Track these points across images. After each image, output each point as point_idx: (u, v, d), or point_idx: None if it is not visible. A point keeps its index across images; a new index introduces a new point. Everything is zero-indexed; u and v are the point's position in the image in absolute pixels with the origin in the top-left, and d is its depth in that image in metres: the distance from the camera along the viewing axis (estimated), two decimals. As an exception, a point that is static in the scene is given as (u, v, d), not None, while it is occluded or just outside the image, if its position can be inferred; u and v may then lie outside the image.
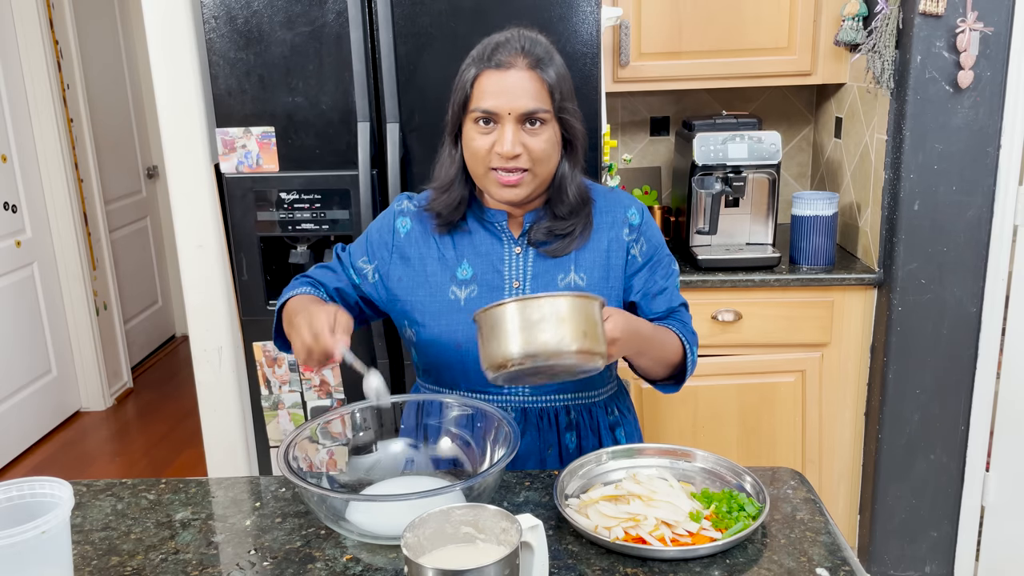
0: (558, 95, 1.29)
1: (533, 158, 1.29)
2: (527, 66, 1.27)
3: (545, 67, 1.28)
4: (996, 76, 2.17)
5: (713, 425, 2.49)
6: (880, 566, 2.51)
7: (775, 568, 1.06)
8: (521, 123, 1.28)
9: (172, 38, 2.18)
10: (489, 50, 1.29)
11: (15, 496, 1.04)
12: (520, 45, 1.29)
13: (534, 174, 1.31)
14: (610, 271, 1.39)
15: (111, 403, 4.20)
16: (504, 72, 1.27)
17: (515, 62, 1.27)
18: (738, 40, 2.50)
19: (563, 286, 1.37)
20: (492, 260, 1.39)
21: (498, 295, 1.37)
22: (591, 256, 1.39)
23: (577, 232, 1.37)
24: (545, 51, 1.30)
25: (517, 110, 1.27)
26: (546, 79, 1.28)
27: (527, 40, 1.30)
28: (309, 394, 2.27)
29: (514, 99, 1.27)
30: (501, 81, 1.27)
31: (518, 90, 1.27)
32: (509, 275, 1.38)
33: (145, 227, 4.79)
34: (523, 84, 1.27)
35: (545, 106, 1.28)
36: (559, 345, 1.10)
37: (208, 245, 2.30)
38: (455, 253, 1.40)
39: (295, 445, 1.22)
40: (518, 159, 1.28)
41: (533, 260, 1.39)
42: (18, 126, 3.64)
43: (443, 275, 1.39)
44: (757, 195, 2.53)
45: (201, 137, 2.24)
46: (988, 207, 2.25)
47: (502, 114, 1.27)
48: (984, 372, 2.35)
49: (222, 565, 1.12)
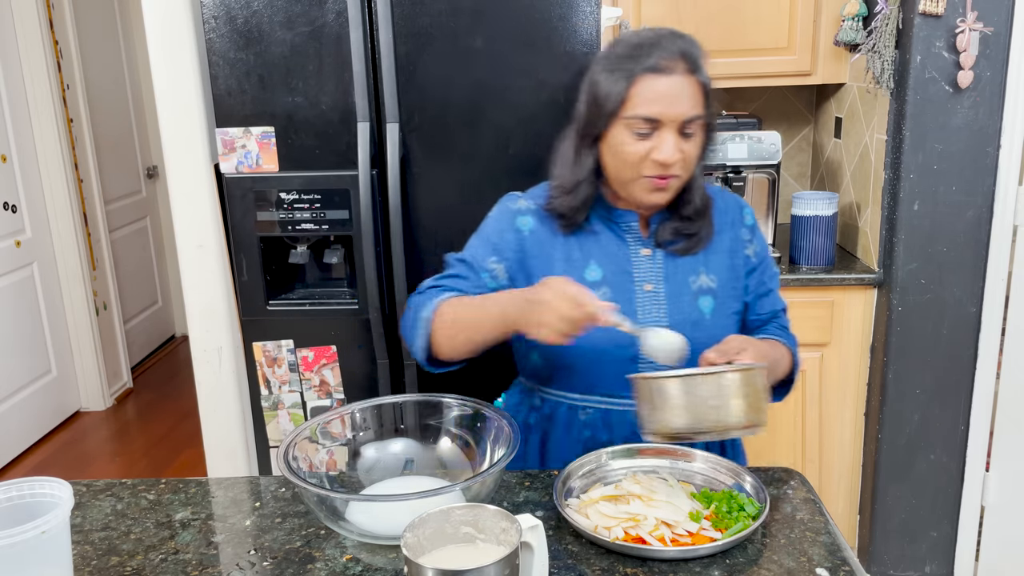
0: (708, 99, 1.26)
1: (686, 164, 1.27)
2: (686, 70, 1.23)
3: (701, 70, 1.25)
4: (996, 76, 2.17)
5: (713, 425, 2.49)
6: (880, 566, 2.51)
7: (775, 568, 1.06)
8: (679, 129, 1.25)
9: (172, 38, 2.18)
10: (644, 52, 1.24)
11: (15, 496, 1.04)
12: (678, 48, 1.24)
13: (682, 180, 1.30)
14: (734, 271, 1.39)
15: (111, 403, 4.19)
16: (665, 77, 1.22)
17: (675, 66, 1.23)
18: (738, 40, 2.50)
19: (695, 289, 1.35)
20: (620, 261, 1.36)
21: (629, 297, 1.34)
22: (717, 257, 1.38)
23: (703, 232, 1.36)
24: (701, 52, 1.27)
25: (680, 117, 1.23)
26: (704, 83, 1.25)
27: (684, 41, 1.25)
28: (309, 394, 2.27)
29: (676, 105, 1.23)
30: (663, 86, 1.22)
31: (680, 96, 1.23)
32: (639, 277, 1.36)
33: (145, 227, 4.79)
34: (685, 89, 1.23)
35: (702, 112, 1.25)
36: (727, 422, 1.11)
37: (208, 245, 2.30)
38: (582, 254, 1.36)
39: (295, 445, 1.22)
40: (673, 166, 1.26)
41: (663, 262, 1.36)
42: (18, 126, 3.64)
43: (571, 276, 1.27)
44: (757, 195, 2.53)
45: (201, 137, 2.24)
46: (988, 207, 2.25)
47: (664, 121, 1.23)
48: (984, 372, 2.35)
49: (222, 565, 1.12)
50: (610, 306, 1.16)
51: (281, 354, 2.24)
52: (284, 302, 2.22)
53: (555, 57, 2.01)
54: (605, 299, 1.31)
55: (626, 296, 1.34)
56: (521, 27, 1.99)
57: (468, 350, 1.30)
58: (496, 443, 1.25)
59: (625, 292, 1.34)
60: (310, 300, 2.22)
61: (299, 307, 2.21)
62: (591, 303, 1.13)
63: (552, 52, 2.01)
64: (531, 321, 1.16)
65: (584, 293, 1.14)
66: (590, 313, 1.13)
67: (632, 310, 1.33)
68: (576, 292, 1.13)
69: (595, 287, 1.33)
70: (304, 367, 2.24)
